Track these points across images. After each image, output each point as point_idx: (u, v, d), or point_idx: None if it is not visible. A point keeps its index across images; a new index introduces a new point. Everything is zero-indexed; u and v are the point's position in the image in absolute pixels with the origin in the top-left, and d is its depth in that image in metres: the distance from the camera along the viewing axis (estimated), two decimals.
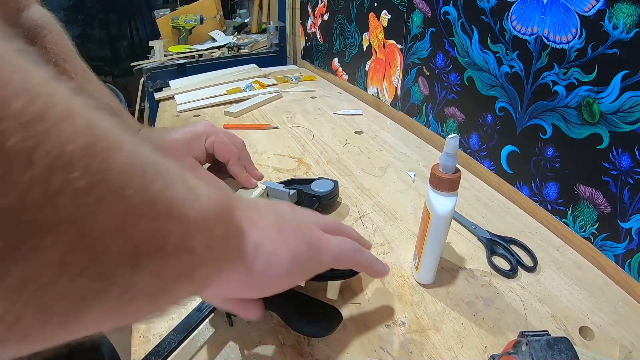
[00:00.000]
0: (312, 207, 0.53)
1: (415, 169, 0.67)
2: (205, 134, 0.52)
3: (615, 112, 0.42)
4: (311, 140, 0.78)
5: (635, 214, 0.42)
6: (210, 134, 0.52)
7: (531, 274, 0.46)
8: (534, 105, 0.52)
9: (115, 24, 2.82)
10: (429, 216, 0.39)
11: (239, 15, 1.95)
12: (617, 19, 0.40)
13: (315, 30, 1.19)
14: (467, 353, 0.36)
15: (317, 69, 1.23)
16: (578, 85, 0.46)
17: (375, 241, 0.50)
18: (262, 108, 0.96)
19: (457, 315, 0.40)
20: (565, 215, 0.51)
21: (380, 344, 0.37)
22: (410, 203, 0.58)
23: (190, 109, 0.95)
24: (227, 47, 1.47)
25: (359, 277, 0.44)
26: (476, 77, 0.62)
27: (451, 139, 0.35)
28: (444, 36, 0.67)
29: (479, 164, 0.65)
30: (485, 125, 0.62)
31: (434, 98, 0.74)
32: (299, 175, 0.65)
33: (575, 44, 0.45)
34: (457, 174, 0.36)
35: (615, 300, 0.43)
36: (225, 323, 0.39)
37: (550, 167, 0.52)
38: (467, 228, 0.53)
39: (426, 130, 0.78)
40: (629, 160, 0.42)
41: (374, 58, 0.93)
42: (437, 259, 0.42)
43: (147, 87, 1.37)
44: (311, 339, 0.37)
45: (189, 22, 1.54)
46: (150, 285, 0.17)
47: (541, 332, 0.29)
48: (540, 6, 0.49)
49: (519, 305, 0.41)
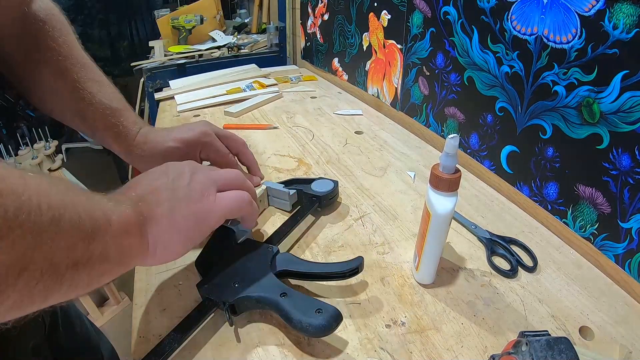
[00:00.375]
0: (312, 207, 0.53)
1: (415, 169, 0.67)
2: (200, 145, 0.52)
3: (615, 112, 0.42)
4: (311, 140, 0.78)
5: (635, 214, 0.42)
6: (205, 145, 0.52)
7: (531, 274, 0.46)
8: (534, 105, 0.52)
9: (115, 24, 2.82)
10: (429, 216, 0.39)
11: (239, 15, 1.95)
12: (617, 19, 0.40)
13: (315, 30, 1.19)
14: (467, 353, 0.36)
15: (317, 69, 1.24)
16: (578, 85, 0.46)
17: (375, 241, 0.50)
18: (262, 108, 0.96)
19: (457, 315, 0.40)
20: (565, 215, 0.51)
21: (380, 344, 0.37)
22: (410, 203, 0.58)
23: (190, 109, 0.95)
24: (227, 47, 1.47)
25: (359, 277, 0.44)
26: (476, 77, 0.62)
27: (451, 139, 0.35)
28: (444, 36, 0.67)
29: (479, 164, 0.65)
30: (485, 125, 0.62)
31: (434, 98, 0.74)
32: (299, 175, 0.65)
33: (575, 44, 0.45)
34: (457, 174, 0.36)
35: (615, 300, 0.43)
36: (226, 323, 0.39)
37: (550, 167, 0.52)
38: (467, 228, 0.53)
39: (426, 130, 0.78)
40: (629, 160, 0.42)
41: (374, 58, 0.93)
42: (437, 259, 0.42)
43: (147, 87, 1.37)
44: (311, 339, 0.37)
45: (189, 22, 1.53)
46: (85, 280, 0.27)
47: (541, 332, 0.29)
48: (540, 6, 0.49)
49: (519, 305, 0.41)
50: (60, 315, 0.52)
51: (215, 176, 0.40)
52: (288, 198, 0.54)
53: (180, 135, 0.51)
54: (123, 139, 0.49)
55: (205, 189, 0.37)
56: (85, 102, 0.47)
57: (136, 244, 0.32)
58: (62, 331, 0.51)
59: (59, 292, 0.25)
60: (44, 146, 1.51)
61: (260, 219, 0.55)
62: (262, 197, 0.55)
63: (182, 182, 0.37)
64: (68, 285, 0.25)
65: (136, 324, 0.39)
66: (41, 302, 0.24)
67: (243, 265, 0.41)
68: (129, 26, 2.87)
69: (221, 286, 0.39)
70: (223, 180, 0.40)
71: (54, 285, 0.24)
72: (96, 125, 0.48)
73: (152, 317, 0.40)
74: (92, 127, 0.49)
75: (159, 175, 0.37)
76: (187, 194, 0.36)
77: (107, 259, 0.28)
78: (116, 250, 0.29)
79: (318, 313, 0.35)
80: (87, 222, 0.26)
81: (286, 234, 0.48)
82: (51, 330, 0.49)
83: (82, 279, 0.26)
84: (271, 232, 0.48)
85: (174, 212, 0.35)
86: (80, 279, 0.26)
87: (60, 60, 0.46)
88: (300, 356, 0.36)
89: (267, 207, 0.57)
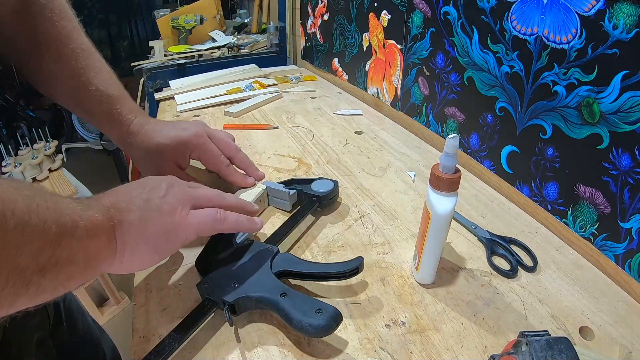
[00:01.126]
0: (312, 207, 0.53)
1: (415, 169, 0.67)
2: (192, 146, 0.52)
3: (615, 112, 0.42)
4: (311, 140, 0.78)
5: (635, 214, 0.42)
6: (197, 147, 0.52)
7: (531, 274, 0.46)
8: (534, 105, 0.52)
9: (115, 24, 2.82)
10: (429, 216, 0.39)
11: (239, 15, 1.95)
12: (617, 19, 0.40)
13: (315, 30, 1.19)
14: (467, 353, 0.36)
15: (317, 69, 1.24)
16: (578, 85, 0.46)
17: (375, 241, 0.50)
18: (262, 108, 0.96)
19: (457, 315, 0.40)
20: (565, 215, 0.51)
21: (380, 344, 0.37)
22: (410, 203, 0.58)
23: (190, 109, 0.95)
24: (227, 47, 1.47)
25: (359, 277, 0.44)
26: (476, 77, 0.62)
27: (451, 139, 0.35)
28: (444, 36, 0.67)
29: (479, 164, 0.65)
30: (485, 125, 0.62)
31: (434, 98, 0.74)
32: (299, 175, 0.65)
33: (575, 44, 0.45)
34: (457, 174, 0.36)
35: (615, 300, 0.43)
36: (226, 323, 0.39)
37: (550, 167, 0.52)
38: (467, 228, 0.53)
39: (426, 130, 0.78)
40: (629, 160, 0.42)
41: (374, 58, 0.93)
42: (437, 259, 0.42)
43: (147, 87, 1.37)
44: (311, 339, 0.37)
45: (189, 22, 1.53)
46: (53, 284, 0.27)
47: (541, 332, 0.29)
48: (540, 6, 0.49)
49: (519, 305, 0.41)
50: (64, 311, 0.52)
51: (193, 192, 0.40)
52: (288, 198, 0.54)
53: (173, 133, 0.51)
54: (118, 126, 0.50)
55: (179, 204, 0.37)
56: (83, 88, 0.47)
57: (104, 248, 0.32)
58: (65, 327, 0.52)
59: (26, 297, 0.25)
60: (44, 146, 1.50)
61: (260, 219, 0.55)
62: (262, 197, 0.55)
63: (157, 194, 0.37)
64: (35, 289, 0.26)
65: (136, 324, 0.39)
66: (8, 306, 0.25)
67: (243, 265, 0.41)
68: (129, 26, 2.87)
69: (221, 286, 0.39)
70: (200, 198, 0.40)
71: (19, 290, 0.24)
72: (92, 111, 0.49)
73: (152, 317, 0.40)
74: (88, 112, 0.49)
75: (136, 186, 0.37)
76: (160, 206, 0.36)
77: (74, 263, 0.28)
78: (83, 254, 0.29)
79: (318, 313, 0.35)
80: (53, 228, 0.26)
81: (286, 234, 0.48)
82: (55, 325, 0.49)
83: (49, 284, 0.27)
84: (271, 232, 0.48)
85: (144, 222, 0.35)
86: (47, 283, 0.26)
87: (59, 45, 0.46)
88: (300, 356, 0.36)
89: (267, 207, 0.57)
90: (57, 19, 0.46)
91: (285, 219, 0.51)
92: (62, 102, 0.49)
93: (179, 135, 0.51)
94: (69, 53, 0.46)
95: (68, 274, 0.28)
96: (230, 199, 0.43)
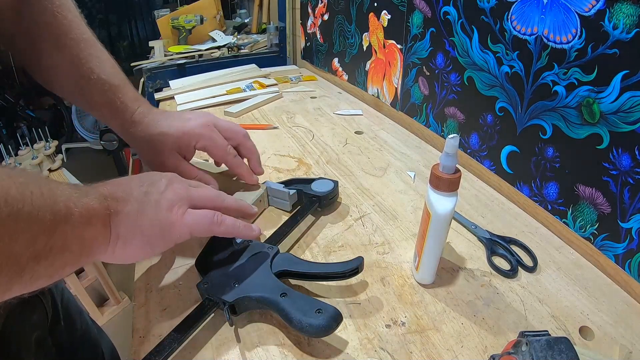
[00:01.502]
0: (312, 207, 0.53)
1: (415, 169, 0.67)
2: (197, 136, 0.51)
3: (615, 112, 0.42)
4: (311, 140, 0.78)
5: (636, 214, 0.42)
6: (202, 136, 0.51)
7: (531, 274, 0.46)
8: (534, 105, 0.52)
9: (115, 24, 2.82)
10: (429, 216, 0.39)
11: (239, 15, 1.95)
12: (617, 19, 0.40)
13: (315, 30, 1.19)
14: (467, 353, 0.36)
15: (317, 69, 1.23)
16: (578, 85, 0.46)
17: (375, 241, 0.50)
18: (262, 108, 0.96)
19: (457, 315, 0.40)
20: (565, 215, 0.51)
21: (380, 344, 0.37)
22: (410, 203, 0.58)
23: (190, 109, 0.95)
24: (227, 47, 1.47)
25: (359, 277, 0.44)
26: (476, 77, 0.62)
27: (451, 139, 0.35)
28: (444, 36, 0.67)
29: (479, 164, 0.65)
30: (485, 125, 0.62)
31: (434, 98, 0.74)
32: (299, 175, 0.65)
33: (575, 44, 0.45)
34: (457, 174, 0.36)
35: (615, 300, 0.43)
36: (226, 323, 0.39)
37: (550, 167, 0.52)
38: (467, 228, 0.53)
39: (426, 130, 0.78)
40: (629, 160, 0.42)
41: (374, 58, 0.93)
42: (437, 259, 0.42)
43: (147, 87, 1.37)
44: (311, 339, 0.37)
45: (189, 22, 1.53)
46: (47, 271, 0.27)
47: (541, 332, 0.29)
48: (540, 6, 0.49)
49: (519, 305, 0.41)
50: (62, 310, 0.52)
51: (192, 192, 0.39)
52: (288, 198, 0.54)
53: (177, 123, 0.50)
54: (120, 115, 0.49)
55: (177, 201, 0.37)
56: (84, 78, 0.46)
57: (99, 236, 0.32)
58: (63, 326, 0.52)
59: (20, 284, 0.26)
60: (44, 146, 1.51)
61: (260, 219, 0.55)
62: (262, 197, 0.55)
63: (156, 189, 0.37)
64: (29, 276, 0.26)
65: (136, 324, 0.39)
66: (2, 293, 0.25)
67: (243, 265, 0.41)
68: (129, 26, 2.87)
69: (221, 286, 0.39)
70: (199, 198, 0.39)
71: (14, 277, 0.25)
72: (94, 100, 0.48)
73: (152, 317, 0.40)
74: (90, 102, 0.48)
75: (136, 179, 0.37)
76: (158, 201, 0.36)
77: (68, 250, 0.29)
78: (78, 242, 0.29)
79: (318, 313, 0.35)
80: (47, 215, 0.26)
81: (286, 234, 0.48)
82: (53, 323, 0.49)
83: (43, 271, 0.27)
84: (271, 232, 0.48)
85: (141, 214, 0.35)
86: (42, 270, 0.27)
87: (61, 35, 0.45)
88: (300, 356, 0.36)
89: (267, 207, 0.57)
90: (58, 9, 0.45)
91: (285, 219, 0.51)
92: (64, 93, 0.49)
93: (183, 125, 0.50)
94: (70, 43, 0.46)
95: (63, 261, 0.28)
96: (229, 200, 0.43)
